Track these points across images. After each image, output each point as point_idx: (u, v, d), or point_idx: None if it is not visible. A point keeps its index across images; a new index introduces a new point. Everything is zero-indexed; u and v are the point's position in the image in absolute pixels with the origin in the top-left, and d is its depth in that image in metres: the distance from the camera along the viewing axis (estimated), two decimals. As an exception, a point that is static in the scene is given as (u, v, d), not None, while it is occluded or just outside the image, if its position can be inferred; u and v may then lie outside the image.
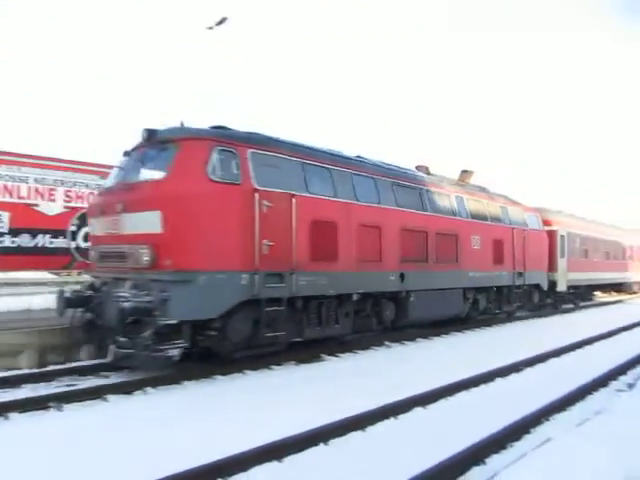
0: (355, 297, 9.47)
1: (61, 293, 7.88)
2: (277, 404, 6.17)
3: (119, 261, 7.44)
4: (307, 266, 8.41)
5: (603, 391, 7.45)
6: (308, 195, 8.56)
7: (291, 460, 4.49)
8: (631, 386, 7.30)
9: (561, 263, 18.78)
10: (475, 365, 8.11)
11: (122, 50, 50.96)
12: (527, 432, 5.50)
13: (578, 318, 17.30)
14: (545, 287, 17.27)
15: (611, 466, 3.80)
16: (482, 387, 7.34)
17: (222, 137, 7.75)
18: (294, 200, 8.20)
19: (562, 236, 19.10)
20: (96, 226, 8.23)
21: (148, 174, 7.72)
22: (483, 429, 5.01)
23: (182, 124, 8.00)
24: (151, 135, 7.80)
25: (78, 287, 9.01)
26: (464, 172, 15.12)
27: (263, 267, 7.62)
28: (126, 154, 8.32)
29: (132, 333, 6.75)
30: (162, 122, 7.96)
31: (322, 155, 9.35)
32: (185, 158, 7.28)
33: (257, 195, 7.62)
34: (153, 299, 6.71)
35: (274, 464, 4.39)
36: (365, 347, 10.24)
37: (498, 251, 14.28)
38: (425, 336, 11.91)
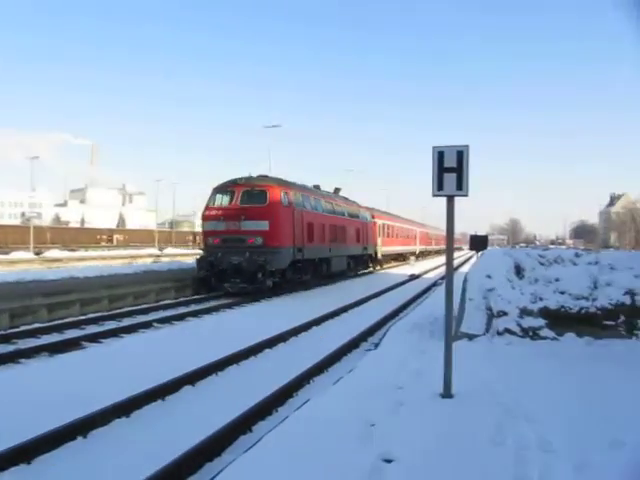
0: (317, 260, 20.29)
1: (199, 259, 17.00)
2: (308, 301, 16.10)
3: (237, 242, 16.40)
4: (306, 243, 18.56)
5: (355, 352, 8.53)
6: (305, 209, 18.95)
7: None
8: (376, 345, 8.47)
9: (379, 241, 31.71)
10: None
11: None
12: (290, 396, 5.98)
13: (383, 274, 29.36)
14: (374, 255, 30.33)
15: (349, 416, 4.41)
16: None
17: (283, 184, 17.84)
18: (303, 212, 18.45)
19: (380, 225, 32.26)
20: (218, 226, 16.86)
21: (255, 202, 16.76)
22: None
23: (266, 175, 18.46)
24: (249, 180, 17.33)
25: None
26: (337, 189, 26.85)
27: (299, 243, 17.88)
28: (221, 188, 17.63)
29: (252, 275, 15.81)
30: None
31: (307, 189, 20.87)
32: (274, 195, 16.84)
33: (293, 210, 17.70)
34: (265, 259, 15.85)
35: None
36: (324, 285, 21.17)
37: (357, 235, 26.14)
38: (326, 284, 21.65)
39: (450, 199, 5.44)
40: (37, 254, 34.86)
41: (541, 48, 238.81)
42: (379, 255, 31.46)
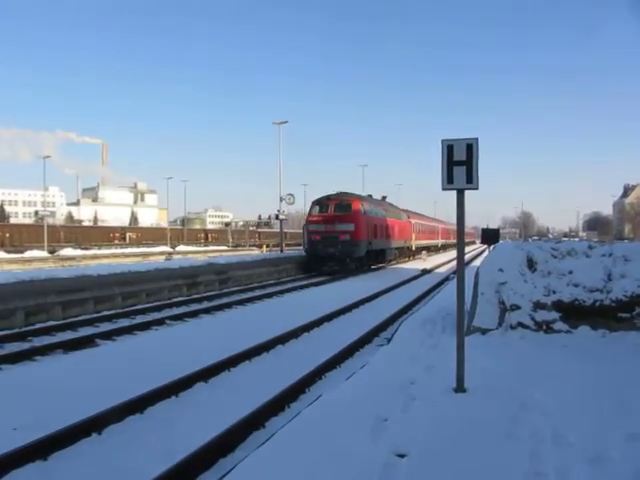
0: (379, 250, 28.47)
1: (307, 249, 25.75)
2: (375, 279, 22.70)
3: (333, 238, 24.29)
4: (373, 239, 26.69)
5: (367, 347, 8.51)
6: (372, 215, 27.24)
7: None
8: (389, 340, 8.44)
9: (413, 236, 39.15)
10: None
11: None
12: (303, 392, 5.98)
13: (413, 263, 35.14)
14: (411, 248, 38.34)
15: (362, 412, 4.41)
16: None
17: (359, 198, 27.12)
18: (371, 217, 26.91)
19: (413, 224, 39.60)
20: (319, 227, 25.10)
21: (345, 211, 25.20)
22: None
23: (348, 192, 27.50)
24: (338, 195, 26.18)
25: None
26: (384, 197, 36.29)
27: (369, 238, 26.24)
28: (319, 202, 26.08)
29: (342, 260, 24.55)
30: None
31: (372, 199, 31.46)
32: (357, 208, 25.37)
33: (366, 216, 26.12)
34: (352, 249, 24.57)
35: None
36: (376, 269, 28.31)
37: (400, 232, 33.71)
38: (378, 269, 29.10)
39: (460, 193, 5.39)
40: (51, 252, 35.28)
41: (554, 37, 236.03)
42: (413, 247, 39.38)
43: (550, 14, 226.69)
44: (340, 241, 24.49)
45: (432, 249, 47.85)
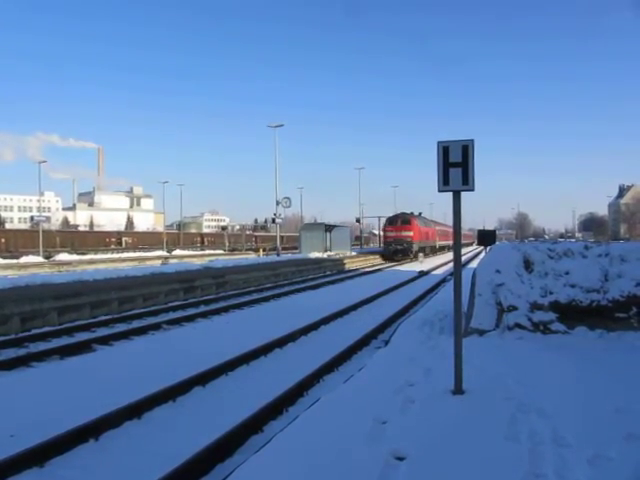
0: (424, 248, 46.83)
1: (384, 247, 45.70)
2: (371, 281, 23.72)
3: (403, 242, 42.68)
4: (420, 240, 45.12)
5: (365, 350, 8.49)
6: (422, 226, 47.80)
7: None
8: (387, 342, 8.43)
9: (437, 238, 54.60)
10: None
11: None
12: (301, 395, 5.96)
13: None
14: (435, 247, 54.01)
15: (361, 415, 4.43)
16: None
17: (415, 216, 47.19)
18: (421, 227, 46.80)
19: (436, 230, 55.16)
20: (392, 233, 43.96)
21: (406, 223, 44.16)
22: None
23: (407, 212, 48.10)
24: (402, 215, 46.24)
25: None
26: (420, 213, 52.23)
27: (419, 240, 45.10)
28: (391, 218, 46.09)
29: (407, 253, 42.56)
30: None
31: (418, 216, 49.43)
32: (415, 223, 44.78)
33: (418, 227, 45.29)
34: (411, 247, 42.73)
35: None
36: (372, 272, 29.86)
37: (432, 236, 52.46)
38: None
39: (456, 194, 5.40)
40: (47, 258, 35.14)
41: (545, 45, 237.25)
42: (437, 246, 54.41)
43: (546, 22, 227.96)
44: (405, 242, 42.40)
45: (446, 249, 61.00)
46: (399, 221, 43.68)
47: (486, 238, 14.20)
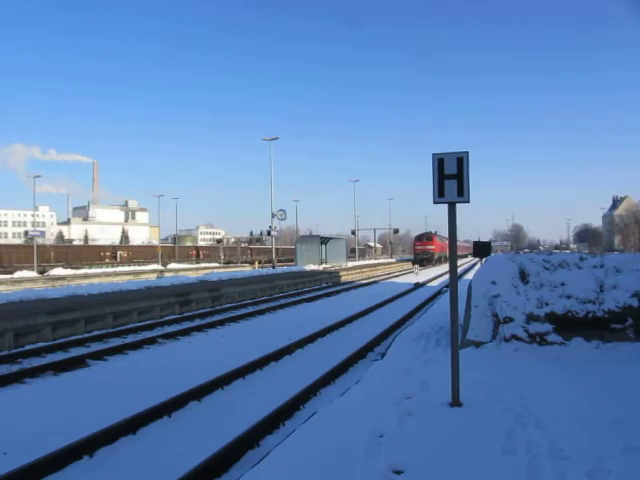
0: (442, 257, 64.49)
1: (415, 255, 61.34)
2: (370, 292, 24.76)
3: (427, 253, 60.25)
4: (439, 251, 63.11)
5: (361, 362, 8.44)
6: (439, 241, 63.43)
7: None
8: (383, 355, 8.40)
9: (448, 252, 51.35)
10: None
11: None
12: (297, 409, 5.91)
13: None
14: (447, 257, 43.81)
15: (358, 428, 4.39)
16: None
17: (435, 234, 64.55)
18: (440, 241, 63.37)
19: (445, 243, 58.68)
20: (419, 247, 61.57)
21: (430, 240, 62.10)
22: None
23: (430, 232, 66.53)
24: (427, 233, 64.99)
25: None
26: (436, 231, 67.54)
27: (438, 251, 63.04)
28: (419, 235, 65.01)
29: (428, 261, 58.80)
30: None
31: (437, 234, 65.46)
32: (435, 239, 62.54)
33: (438, 242, 62.69)
34: (433, 256, 60.62)
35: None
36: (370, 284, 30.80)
37: (445, 248, 61.29)
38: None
39: (452, 206, 5.42)
40: (41, 273, 34.97)
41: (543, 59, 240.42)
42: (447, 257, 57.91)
43: (542, 34, 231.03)
44: (429, 253, 58.89)
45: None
46: (424, 238, 61.95)
47: (481, 250, 14.21)
